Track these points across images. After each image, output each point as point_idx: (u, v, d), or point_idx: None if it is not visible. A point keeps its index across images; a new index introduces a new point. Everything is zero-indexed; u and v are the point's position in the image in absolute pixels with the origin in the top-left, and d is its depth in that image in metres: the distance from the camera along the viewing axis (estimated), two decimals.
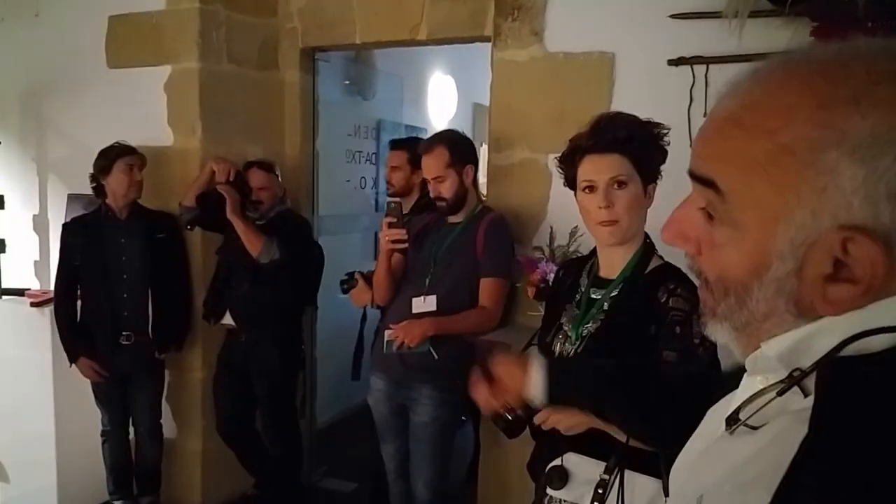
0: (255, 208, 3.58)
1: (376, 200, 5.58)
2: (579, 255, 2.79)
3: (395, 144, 3.74)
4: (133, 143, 3.60)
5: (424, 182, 3.27)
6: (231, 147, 3.85)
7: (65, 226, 3.63)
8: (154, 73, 3.79)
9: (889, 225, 0.62)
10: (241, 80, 3.88)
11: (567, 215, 2.84)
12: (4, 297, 3.91)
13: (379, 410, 3.05)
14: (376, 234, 5.48)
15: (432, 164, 2.89)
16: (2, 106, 4.14)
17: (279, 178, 3.69)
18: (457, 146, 2.93)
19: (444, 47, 4.52)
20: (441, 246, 2.91)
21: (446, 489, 2.99)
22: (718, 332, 0.77)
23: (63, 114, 4.18)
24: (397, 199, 3.21)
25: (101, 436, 3.69)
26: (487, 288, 2.83)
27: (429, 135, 5.95)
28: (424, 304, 2.81)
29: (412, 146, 3.51)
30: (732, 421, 0.75)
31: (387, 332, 2.84)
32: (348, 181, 5.20)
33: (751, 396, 0.73)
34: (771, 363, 0.72)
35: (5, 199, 4.20)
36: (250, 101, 3.95)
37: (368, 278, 3.23)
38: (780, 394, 0.69)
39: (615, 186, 1.74)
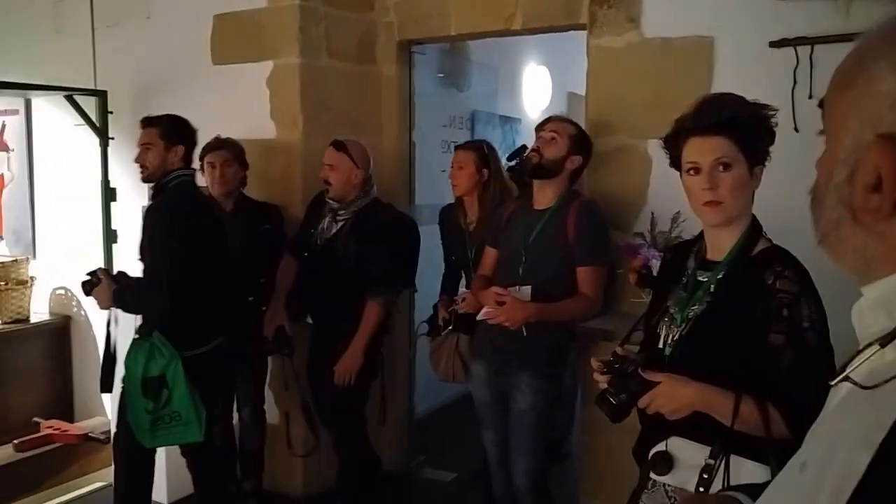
0: (327, 191, 3.41)
1: None
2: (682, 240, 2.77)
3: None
4: (237, 136, 3.71)
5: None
6: (330, 139, 3.93)
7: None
8: (257, 69, 3.91)
9: None
10: (340, 74, 3.97)
11: (669, 201, 2.81)
12: None
13: (479, 397, 3.08)
14: None
15: (556, 124, 2.91)
16: (116, 104, 4.33)
17: (352, 161, 3.35)
18: (581, 134, 2.93)
19: (538, 37, 4.52)
20: (529, 235, 2.88)
21: (545, 476, 3.00)
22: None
23: (171, 110, 4.31)
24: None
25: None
26: (586, 276, 2.80)
27: (522, 125, 5.98)
28: (519, 294, 2.78)
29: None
30: (837, 376, 0.74)
31: (484, 311, 2.81)
32: (444, 171, 5.23)
33: (857, 351, 0.72)
34: (876, 316, 0.71)
35: (117, 191, 4.41)
36: (349, 95, 4.03)
37: (114, 277, 3.09)
38: (882, 345, 0.68)
39: (720, 168, 1.71)
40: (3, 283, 4.39)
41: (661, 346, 1.84)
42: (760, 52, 2.90)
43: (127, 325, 3.33)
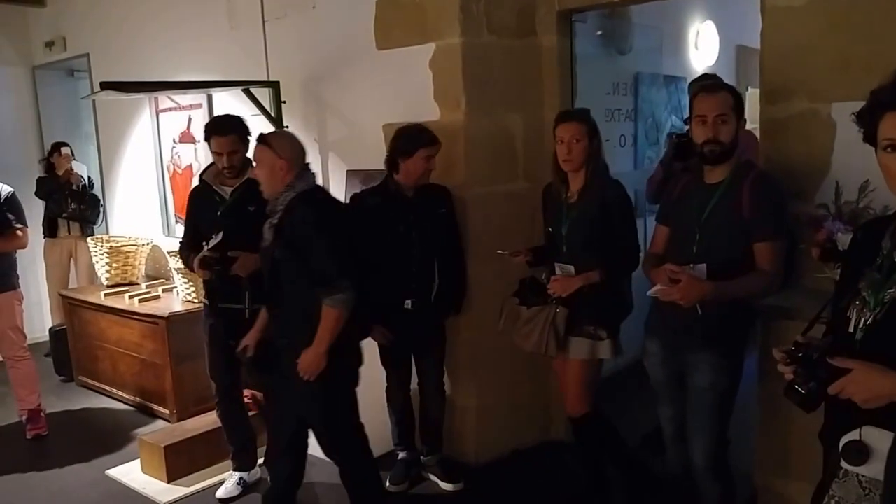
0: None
1: (635, 158, 5.52)
2: (871, 211, 2.59)
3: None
4: (402, 119, 3.78)
5: None
6: (494, 117, 3.96)
7: (352, 198, 3.92)
8: (419, 52, 3.96)
9: None
10: (501, 50, 3.96)
11: (855, 169, 2.63)
12: None
13: (655, 376, 3.03)
14: (636, 193, 5.43)
15: (719, 102, 2.70)
16: (288, 92, 4.53)
17: (273, 152, 3.10)
18: (738, 97, 2.77)
19: None
20: (703, 211, 2.76)
21: (724, 455, 2.93)
22: None
23: (339, 96, 4.51)
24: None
25: (386, 392, 3.99)
26: (764, 252, 2.67)
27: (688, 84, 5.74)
28: (694, 272, 2.68)
29: None
30: None
31: (656, 289, 2.73)
32: (607, 140, 5.11)
33: None
34: None
35: None
36: (510, 70, 4.02)
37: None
38: None
39: None
40: None
41: (850, 330, 1.74)
42: None
43: None
